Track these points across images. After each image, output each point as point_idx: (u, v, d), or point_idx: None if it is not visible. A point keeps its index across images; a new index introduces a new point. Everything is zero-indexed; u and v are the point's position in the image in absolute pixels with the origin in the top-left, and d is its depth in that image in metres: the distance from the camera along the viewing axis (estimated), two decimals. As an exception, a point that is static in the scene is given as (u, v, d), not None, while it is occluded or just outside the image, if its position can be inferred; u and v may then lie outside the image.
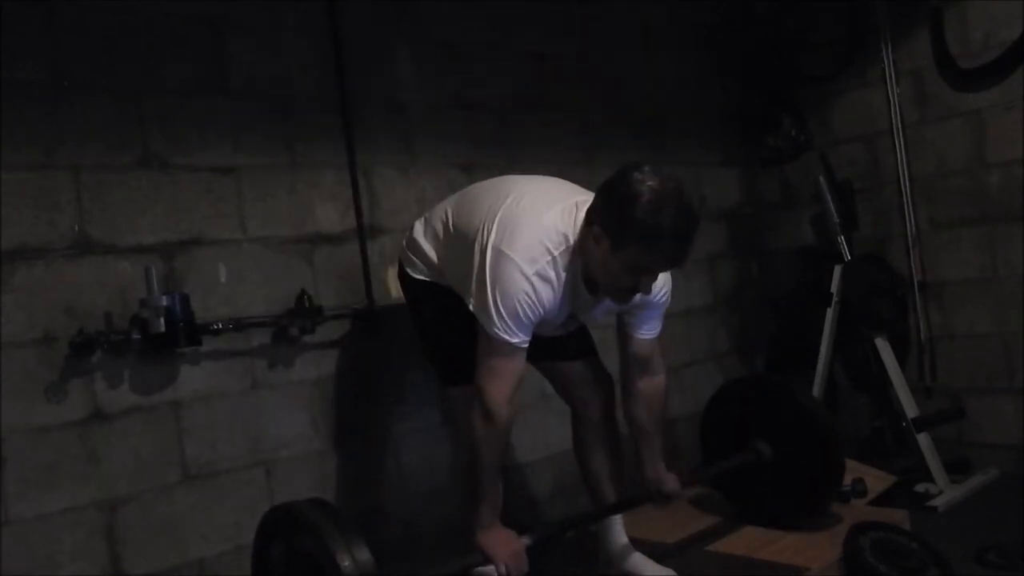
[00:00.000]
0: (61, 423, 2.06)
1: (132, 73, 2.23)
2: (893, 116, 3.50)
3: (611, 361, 2.34)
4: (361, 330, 2.59)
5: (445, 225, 2.14)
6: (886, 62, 3.50)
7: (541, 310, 1.91)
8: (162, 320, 2.08)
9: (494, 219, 1.95)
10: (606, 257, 1.84)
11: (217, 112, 2.36)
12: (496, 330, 1.88)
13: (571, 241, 1.91)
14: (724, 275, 3.83)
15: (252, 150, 2.42)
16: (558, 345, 2.24)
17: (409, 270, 2.25)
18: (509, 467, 2.76)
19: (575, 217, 1.92)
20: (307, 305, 2.41)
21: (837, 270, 3.40)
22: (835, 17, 3.62)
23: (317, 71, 2.57)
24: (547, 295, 1.90)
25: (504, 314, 1.87)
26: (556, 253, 1.90)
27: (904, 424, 3.19)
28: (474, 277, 1.93)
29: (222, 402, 2.32)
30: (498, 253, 1.89)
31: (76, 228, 2.11)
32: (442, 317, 2.17)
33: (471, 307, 1.94)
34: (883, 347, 3.29)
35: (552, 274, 1.90)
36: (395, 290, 2.64)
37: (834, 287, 3.40)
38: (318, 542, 1.62)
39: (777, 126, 3.82)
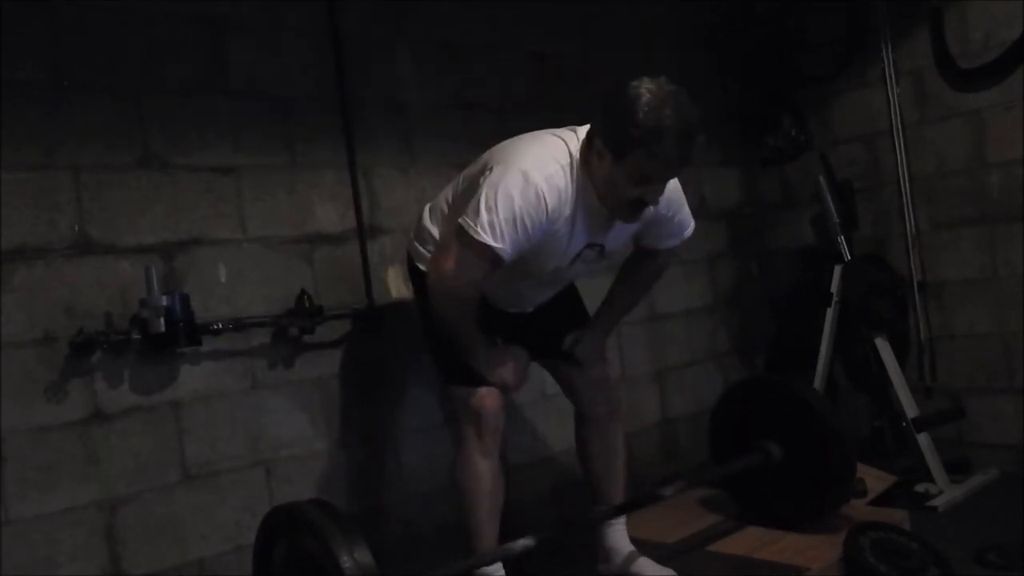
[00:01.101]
0: (61, 423, 2.06)
1: (132, 73, 2.23)
2: (893, 116, 3.49)
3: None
4: (361, 330, 2.58)
5: (448, 201, 2.14)
6: (886, 62, 3.49)
7: (543, 220, 1.84)
8: (162, 320, 2.08)
9: (492, 165, 1.92)
10: (610, 171, 1.83)
11: (217, 112, 2.36)
12: (480, 228, 1.80)
13: (575, 157, 1.89)
14: (724, 275, 3.83)
15: (252, 150, 2.42)
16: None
17: (418, 263, 2.22)
18: (510, 467, 2.76)
19: (576, 139, 1.92)
20: (307, 305, 2.41)
21: (837, 270, 3.40)
22: (835, 17, 3.62)
23: (317, 71, 2.57)
24: (554, 203, 1.84)
25: (498, 211, 1.80)
26: (564, 163, 1.88)
27: (904, 424, 3.19)
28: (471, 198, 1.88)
29: (222, 402, 2.32)
30: (503, 170, 1.85)
31: (76, 228, 2.11)
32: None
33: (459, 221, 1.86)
34: (883, 347, 3.28)
35: (562, 183, 1.86)
36: (395, 290, 2.65)
37: (834, 287, 3.40)
38: (320, 543, 1.62)
39: (777, 126, 3.81)
